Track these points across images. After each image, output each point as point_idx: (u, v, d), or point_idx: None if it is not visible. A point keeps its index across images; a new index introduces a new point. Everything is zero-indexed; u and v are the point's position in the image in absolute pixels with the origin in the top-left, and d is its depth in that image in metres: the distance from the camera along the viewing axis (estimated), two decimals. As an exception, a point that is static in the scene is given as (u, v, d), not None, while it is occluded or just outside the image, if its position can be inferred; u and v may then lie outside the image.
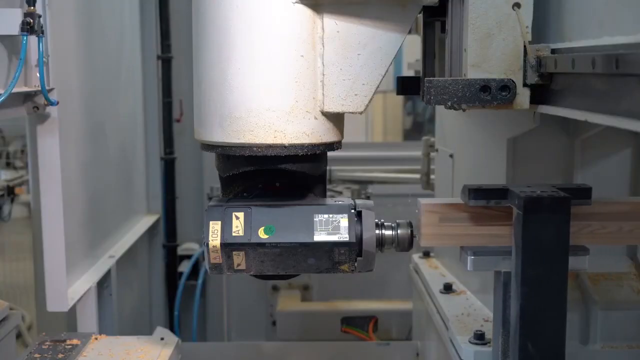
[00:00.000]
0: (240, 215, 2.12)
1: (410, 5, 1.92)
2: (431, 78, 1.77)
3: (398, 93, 2.52)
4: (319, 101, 1.98)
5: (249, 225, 2.11)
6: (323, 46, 1.95)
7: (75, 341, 2.37)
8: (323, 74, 1.97)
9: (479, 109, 1.84)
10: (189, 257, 4.50)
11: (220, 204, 2.14)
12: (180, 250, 4.54)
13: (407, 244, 2.21)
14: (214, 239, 2.08)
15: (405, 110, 8.16)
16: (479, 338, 2.19)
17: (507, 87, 1.72)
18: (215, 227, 2.10)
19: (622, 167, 2.26)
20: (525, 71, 1.72)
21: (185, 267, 4.45)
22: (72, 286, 2.80)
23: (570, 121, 2.18)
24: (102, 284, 3.10)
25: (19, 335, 4.87)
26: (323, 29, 1.94)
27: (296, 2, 1.90)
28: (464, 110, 1.80)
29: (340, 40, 1.95)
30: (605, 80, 1.34)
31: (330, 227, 2.12)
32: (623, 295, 2.17)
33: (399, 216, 3.99)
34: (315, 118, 1.99)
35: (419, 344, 3.22)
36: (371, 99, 1.99)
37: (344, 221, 2.12)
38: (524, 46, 1.72)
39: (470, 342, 2.20)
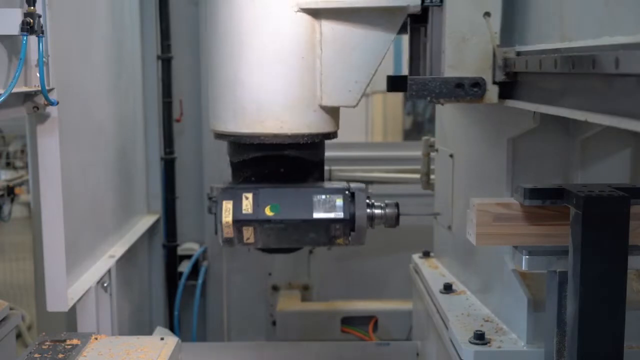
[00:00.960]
0: (249, 195, 2.45)
1: (396, 13, 2.20)
2: (413, 76, 2.06)
3: (388, 90, 2.75)
4: (317, 97, 2.31)
5: (257, 204, 2.42)
6: (321, 49, 2.26)
7: (75, 341, 2.37)
8: (321, 73, 2.29)
9: (479, 109, 2.09)
10: (189, 257, 4.50)
11: (232, 187, 2.48)
12: (180, 250, 4.54)
13: (394, 220, 2.61)
14: (227, 216, 2.40)
15: (405, 110, 8.16)
16: (479, 338, 2.19)
17: (478, 84, 1.97)
18: (227, 205, 2.43)
19: (622, 167, 2.26)
20: (494, 70, 1.97)
21: (185, 267, 4.45)
22: (72, 286, 2.80)
23: (570, 121, 2.18)
24: (102, 284, 3.10)
25: (19, 335, 4.87)
26: (321, 33, 2.25)
27: (298, 11, 2.22)
28: (442, 104, 1.96)
29: (335, 43, 2.25)
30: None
31: (328, 206, 2.45)
32: (623, 295, 2.17)
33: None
34: (314, 111, 2.32)
35: (419, 344, 3.22)
36: (363, 94, 2.30)
37: (339, 201, 2.45)
38: (493, 49, 1.96)
39: (470, 342, 2.20)
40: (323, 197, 2.47)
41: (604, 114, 1.33)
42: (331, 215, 2.45)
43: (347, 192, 2.48)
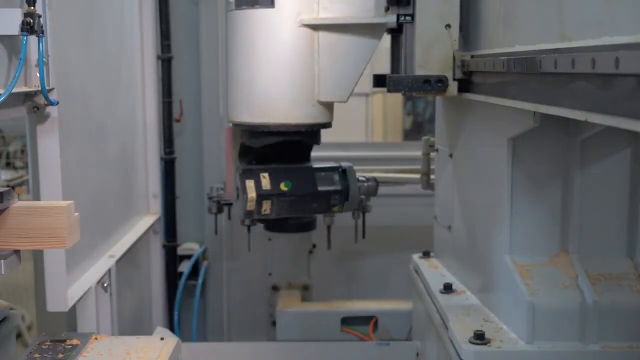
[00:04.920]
0: (266, 175, 3.01)
1: (378, 27, 2.74)
2: (391, 74, 2.67)
3: (373, 86, 3.29)
4: (315, 93, 2.82)
5: (273, 181, 2.99)
6: (319, 55, 2.77)
7: (75, 341, 2.37)
8: (318, 75, 2.79)
9: (480, 110, 2.17)
10: (189, 257, 4.50)
11: (249, 168, 3.05)
12: (180, 250, 4.54)
13: (374, 190, 3.30)
14: (251, 192, 2.96)
15: (405, 110, 8.14)
16: (479, 338, 2.19)
17: (441, 81, 2.44)
18: (250, 184, 2.99)
19: (622, 167, 2.26)
20: (454, 70, 2.44)
21: (185, 267, 4.45)
22: (72, 286, 2.80)
23: (570, 121, 2.18)
24: (102, 284, 3.10)
25: (19, 335, 4.87)
26: (319, 43, 2.77)
27: (300, 26, 2.74)
28: (415, 97, 2.23)
29: (330, 50, 2.77)
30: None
31: (328, 181, 3.08)
32: (623, 295, 2.17)
33: (399, 216, 4.11)
34: (313, 105, 2.83)
35: (419, 344, 3.22)
36: (352, 91, 2.81)
37: (336, 177, 3.10)
38: (453, 53, 2.44)
39: (470, 342, 2.20)
40: (323, 174, 3.07)
41: (604, 114, 1.33)
42: (331, 188, 3.05)
43: (340, 169, 3.12)
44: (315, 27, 2.75)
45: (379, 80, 3.21)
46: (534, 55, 1.65)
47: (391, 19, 2.65)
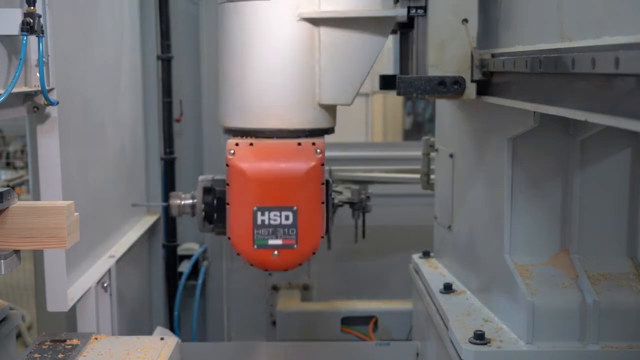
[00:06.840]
0: None
1: (386, 21, 2.45)
2: (402, 75, 2.32)
3: (380, 88, 3.00)
4: (316, 96, 2.51)
5: None
6: (320, 54, 2.48)
7: (75, 341, 2.37)
8: (320, 75, 2.49)
9: (481, 110, 2.14)
10: (189, 257, 4.50)
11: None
12: (180, 250, 4.54)
13: None
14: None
15: (405, 110, 8.15)
16: (479, 338, 2.19)
17: (458, 82, 2.21)
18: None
19: (622, 167, 2.26)
20: (472, 70, 2.20)
21: (185, 267, 4.45)
22: (72, 286, 2.80)
23: (570, 121, 2.18)
24: (102, 284, 3.10)
25: (19, 335, 4.87)
26: (320, 39, 2.47)
27: (299, 20, 2.45)
28: (428, 100, 2.10)
29: (333, 48, 2.48)
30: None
31: None
32: (623, 295, 2.17)
33: (399, 216, 4.08)
34: (314, 109, 2.53)
35: (419, 344, 3.22)
36: (357, 93, 2.52)
37: None
38: (471, 51, 2.20)
39: (470, 342, 2.20)
40: None
41: (604, 114, 1.33)
42: None
43: None
44: (316, 22, 2.46)
45: (387, 82, 2.93)
46: (534, 55, 1.65)
47: (401, 12, 2.37)
